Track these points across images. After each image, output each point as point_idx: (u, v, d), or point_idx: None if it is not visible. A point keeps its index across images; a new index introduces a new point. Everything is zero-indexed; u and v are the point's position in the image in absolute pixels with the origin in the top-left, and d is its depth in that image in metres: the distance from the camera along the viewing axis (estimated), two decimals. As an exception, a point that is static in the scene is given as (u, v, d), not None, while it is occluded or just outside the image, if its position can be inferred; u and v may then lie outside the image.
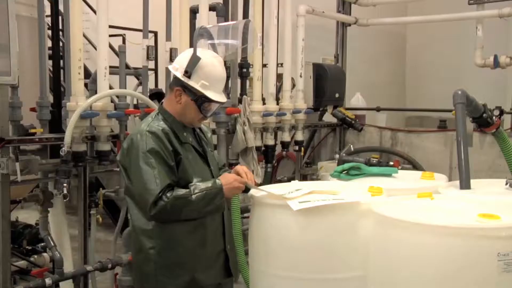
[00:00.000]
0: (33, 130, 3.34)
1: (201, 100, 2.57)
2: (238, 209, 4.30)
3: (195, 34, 2.71)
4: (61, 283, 3.90)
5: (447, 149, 4.99)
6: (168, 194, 2.40)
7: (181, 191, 2.45)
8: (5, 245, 3.11)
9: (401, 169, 4.03)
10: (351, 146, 5.25)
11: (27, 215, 6.09)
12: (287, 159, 5.74)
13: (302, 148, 5.17)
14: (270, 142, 4.68)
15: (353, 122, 5.39)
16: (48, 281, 3.26)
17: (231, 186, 2.58)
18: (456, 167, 4.43)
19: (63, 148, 3.16)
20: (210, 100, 2.58)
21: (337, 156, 5.01)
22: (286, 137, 4.87)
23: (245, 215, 4.49)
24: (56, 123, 3.69)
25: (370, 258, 2.57)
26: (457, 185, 3.09)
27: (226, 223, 2.74)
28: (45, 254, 5.22)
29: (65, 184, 3.19)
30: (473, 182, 3.08)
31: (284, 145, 4.89)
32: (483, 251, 2.23)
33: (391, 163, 4.40)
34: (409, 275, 2.34)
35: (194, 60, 2.53)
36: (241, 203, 4.37)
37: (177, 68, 2.56)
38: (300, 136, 5.01)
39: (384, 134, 5.43)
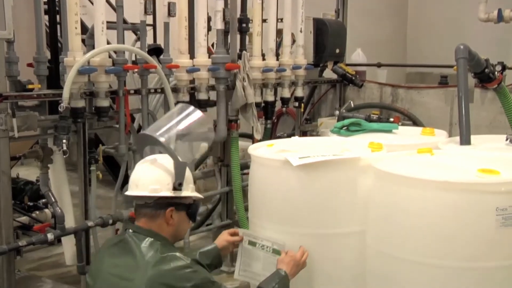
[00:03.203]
0: (30, 86, 3.31)
1: (194, 207, 2.36)
2: (238, 165, 4.31)
3: (136, 143, 2.48)
4: (63, 239, 3.94)
5: (447, 106, 4.96)
6: None
7: None
8: (6, 201, 3.13)
9: (401, 125, 4.02)
10: (351, 102, 5.23)
11: (28, 172, 6.12)
12: (287, 115, 5.72)
13: (302, 104, 5.14)
14: (270, 98, 4.65)
15: (353, 78, 5.34)
16: (50, 236, 3.30)
17: (294, 270, 2.55)
18: (456, 124, 4.42)
19: (62, 104, 3.14)
20: (200, 201, 2.41)
21: (337, 112, 4.98)
22: (286, 93, 4.84)
23: (245, 171, 4.50)
24: (54, 79, 3.65)
25: (370, 214, 2.59)
26: (457, 140, 3.09)
27: None
28: (46, 210, 5.28)
29: (64, 141, 3.18)
30: (473, 137, 3.08)
31: (284, 101, 4.86)
32: (482, 206, 2.25)
33: (391, 119, 4.39)
34: (408, 230, 2.37)
35: (181, 167, 2.27)
36: (240, 159, 4.38)
37: (160, 189, 2.24)
38: (300, 92, 4.98)
39: (384, 90, 5.40)
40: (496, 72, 3.76)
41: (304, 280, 2.69)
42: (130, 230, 2.27)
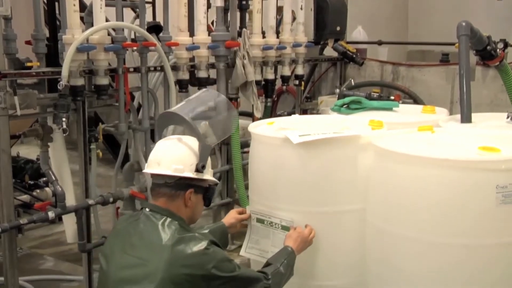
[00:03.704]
0: (29, 64, 3.28)
1: (211, 191, 2.33)
2: (238, 144, 4.31)
3: (159, 121, 2.43)
4: (63, 217, 3.96)
5: (448, 84, 4.94)
6: (268, 276, 2.31)
7: (271, 268, 2.38)
8: (7, 179, 3.13)
9: (402, 103, 4.01)
10: (352, 80, 5.20)
11: (28, 151, 6.13)
12: (287, 93, 5.70)
13: (302, 83, 5.12)
14: (270, 76, 4.63)
15: (354, 56, 5.31)
16: (51, 214, 3.30)
17: (300, 246, 2.57)
18: (457, 102, 4.41)
19: (61, 82, 3.12)
20: (215, 186, 2.40)
21: (337, 90, 4.97)
22: (286, 71, 4.81)
23: (245, 149, 4.50)
24: (52, 56, 3.63)
25: (370, 191, 2.59)
26: (458, 118, 3.09)
27: None
28: (47, 189, 5.31)
29: (64, 119, 3.16)
30: (474, 115, 3.08)
31: (284, 79, 4.84)
32: (482, 184, 2.25)
33: (392, 97, 4.38)
34: (408, 207, 2.37)
35: (206, 149, 2.25)
36: (240, 137, 4.37)
37: (183, 169, 2.20)
38: (300, 70, 4.95)
39: (385, 68, 5.36)
40: (498, 50, 3.75)
41: (304, 258, 2.71)
42: (147, 209, 2.22)
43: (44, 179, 5.31)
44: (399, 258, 2.44)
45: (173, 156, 2.22)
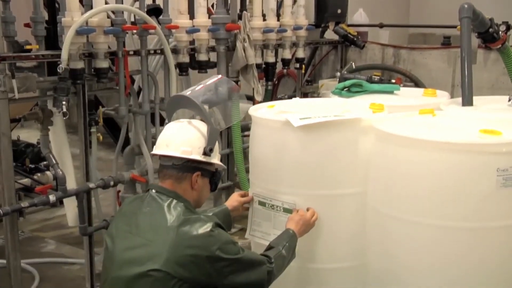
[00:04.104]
0: (28, 47, 3.27)
1: (218, 175, 2.34)
2: (238, 127, 4.30)
3: (169, 104, 2.43)
4: (64, 201, 3.97)
5: (450, 67, 4.92)
6: (271, 259, 2.31)
7: (273, 251, 2.38)
8: (7, 163, 3.13)
9: (403, 86, 3.98)
10: (353, 63, 5.16)
11: (28, 134, 6.14)
12: (287, 77, 5.69)
13: (303, 66, 5.11)
14: (271, 59, 4.61)
15: (355, 39, 5.28)
16: (52, 197, 3.31)
17: (302, 229, 2.57)
18: (458, 85, 4.40)
19: (60, 65, 3.11)
20: (222, 170, 2.40)
21: (338, 74, 4.94)
22: (287, 54, 4.80)
23: (245, 133, 4.50)
24: (52, 39, 3.62)
25: (370, 175, 2.59)
26: (459, 102, 3.07)
27: None
28: (48, 172, 5.32)
29: (64, 102, 3.16)
30: (475, 98, 3.06)
31: (285, 62, 4.82)
32: (483, 167, 2.24)
33: (393, 80, 4.35)
34: (409, 190, 2.37)
35: (214, 133, 2.26)
36: (241, 121, 4.37)
37: (191, 152, 2.21)
38: (301, 53, 4.93)
39: (386, 52, 5.34)
40: (500, 32, 3.72)
41: (304, 241, 2.71)
42: (153, 190, 2.23)
43: (45, 162, 5.33)
44: (399, 241, 2.44)
45: (181, 138, 2.23)
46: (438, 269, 2.34)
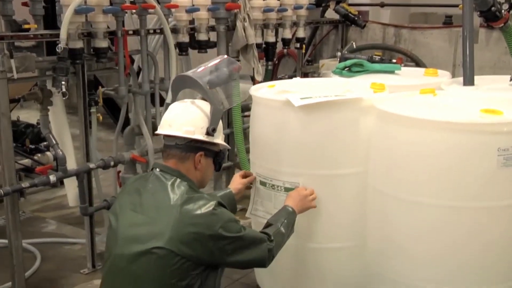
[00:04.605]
0: (26, 26, 3.24)
1: (221, 155, 2.35)
2: (239, 107, 4.28)
3: (173, 84, 2.43)
4: (65, 181, 3.97)
5: (451, 46, 4.88)
6: (271, 237, 2.34)
7: (272, 228, 2.39)
8: (7, 143, 3.12)
9: (404, 66, 3.97)
10: (354, 43, 5.13)
11: (28, 115, 6.12)
12: (288, 57, 5.65)
13: (304, 46, 5.07)
14: (271, 39, 4.58)
15: (356, 18, 5.24)
16: (52, 178, 3.31)
17: (300, 205, 2.59)
18: (460, 65, 4.37)
19: (59, 45, 3.08)
20: (226, 151, 2.40)
21: (339, 53, 4.91)
22: (287, 34, 4.76)
23: (245, 113, 4.49)
24: (50, 19, 3.58)
25: (371, 154, 2.59)
26: (460, 81, 3.06)
27: None
28: (48, 153, 5.31)
29: (63, 82, 3.14)
30: (476, 78, 3.05)
31: (285, 42, 4.78)
32: (483, 147, 2.25)
33: (394, 60, 4.33)
34: (410, 170, 2.37)
35: (217, 113, 2.27)
36: (241, 101, 4.35)
37: (193, 131, 2.22)
38: (301, 33, 4.89)
39: (387, 31, 5.30)
40: (502, 11, 3.68)
41: (305, 220, 2.72)
42: (157, 169, 2.25)
43: (45, 143, 5.32)
44: (399, 221, 2.45)
45: (184, 118, 2.25)
46: (438, 249, 2.35)
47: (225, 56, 2.59)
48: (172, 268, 2.04)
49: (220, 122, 2.34)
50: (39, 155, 5.33)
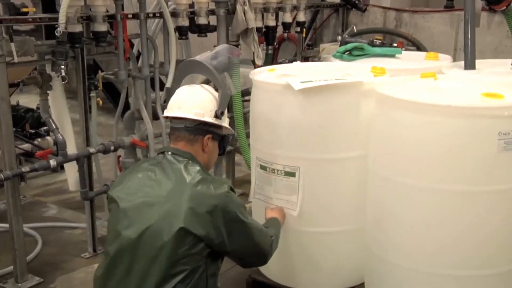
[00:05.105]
0: (25, 9, 3.21)
1: (227, 139, 2.38)
2: (239, 92, 4.27)
3: (180, 69, 2.44)
4: (65, 165, 3.98)
5: (452, 30, 4.86)
6: (272, 235, 2.39)
7: (270, 230, 2.43)
8: (7, 127, 3.12)
9: (405, 50, 3.95)
10: (354, 27, 5.11)
11: (28, 100, 6.11)
12: (288, 41, 5.63)
13: (304, 30, 5.04)
14: (271, 23, 4.55)
15: (356, 2, 5.21)
16: (52, 162, 3.32)
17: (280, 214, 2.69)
18: (461, 49, 4.36)
19: (58, 29, 3.06)
20: (231, 135, 2.43)
21: (339, 38, 4.89)
22: (288, 17, 4.73)
23: (246, 98, 4.47)
24: (49, 3, 3.55)
25: (371, 138, 2.58)
26: (461, 65, 3.05)
27: None
28: (48, 137, 5.31)
29: (62, 66, 3.12)
30: (478, 62, 3.04)
31: (286, 26, 4.76)
32: (484, 130, 2.24)
33: (395, 44, 4.31)
34: (410, 154, 2.37)
35: (226, 97, 2.31)
36: (241, 86, 4.33)
37: (203, 114, 2.24)
38: (302, 16, 4.87)
39: (388, 15, 5.27)
40: (505, -7, 3.66)
41: (306, 205, 2.73)
42: (169, 153, 2.25)
43: (45, 128, 5.31)
44: (400, 205, 2.45)
45: (194, 101, 2.27)
46: (439, 232, 2.36)
47: (226, 45, 2.61)
48: (183, 248, 2.05)
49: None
50: (39, 139, 5.32)
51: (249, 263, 2.37)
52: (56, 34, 3.08)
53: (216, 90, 2.38)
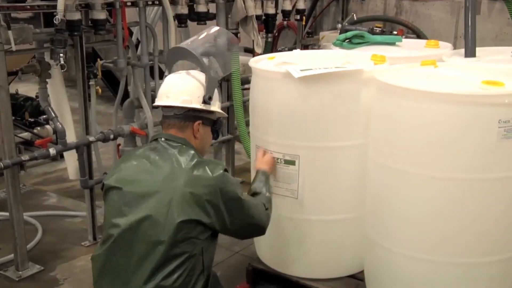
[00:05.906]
0: (23, -3, 3.21)
1: (219, 124, 2.42)
2: (238, 80, 4.26)
3: (168, 56, 2.45)
4: (65, 154, 3.98)
5: (453, 18, 4.84)
6: (265, 205, 2.45)
7: (262, 196, 2.49)
8: (6, 115, 3.11)
9: (405, 38, 3.93)
10: (354, 15, 5.09)
11: (27, 88, 6.10)
12: (288, 29, 5.61)
13: (304, 17, 5.02)
14: (271, 10, 4.53)
15: (357, -11, 5.20)
16: (52, 151, 3.32)
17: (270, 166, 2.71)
18: (461, 37, 4.34)
19: (57, 17, 3.05)
20: (223, 117, 2.47)
21: (339, 26, 4.88)
22: (287, 5, 4.71)
23: (245, 86, 4.46)
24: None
25: (372, 126, 2.58)
26: (462, 53, 3.04)
27: None
28: (47, 126, 5.31)
29: (61, 54, 3.11)
30: (478, 50, 3.02)
31: (285, 14, 4.74)
32: (484, 118, 2.23)
33: (395, 32, 4.30)
34: (410, 142, 2.36)
35: (212, 82, 2.33)
36: (240, 74, 4.32)
37: (190, 101, 2.28)
38: (301, 4, 4.85)
39: (388, 3, 5.25)
40: (505, -19, 3.64)
41: (306, 193, 2.73)
42: (163, 139, 2.28)
43: (44, 116, 5.31)
44: (399, 193, 2.45)
45: (181, 88, 2.30)
46: (439, 220, 2.36)
47: (218, 27, 2.61)
48: (182, 232, 2.07)
49: (216, 91, 2.38)
50: (38, 128, 5.33)
51: (247, 236, 2.46)
52: (54, 21, 3.06)
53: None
